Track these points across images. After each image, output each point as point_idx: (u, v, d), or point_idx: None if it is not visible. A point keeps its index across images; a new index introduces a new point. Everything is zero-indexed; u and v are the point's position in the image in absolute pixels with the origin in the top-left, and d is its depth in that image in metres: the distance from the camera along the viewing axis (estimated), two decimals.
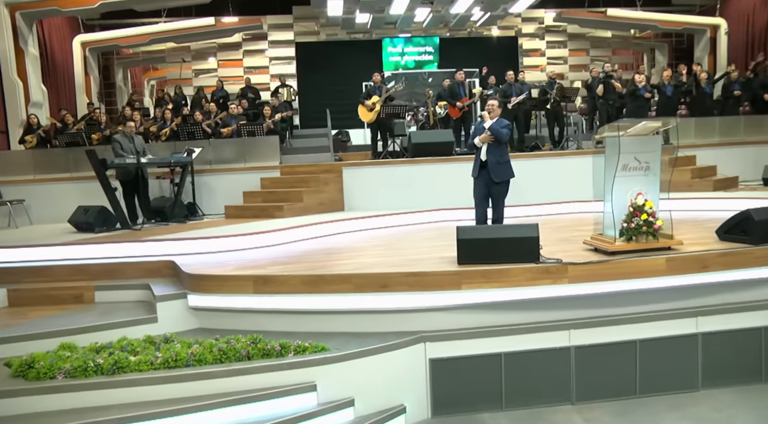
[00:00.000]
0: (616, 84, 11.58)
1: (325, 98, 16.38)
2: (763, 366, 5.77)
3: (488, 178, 6.26)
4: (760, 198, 8.53)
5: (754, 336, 5.73)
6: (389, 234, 7.85)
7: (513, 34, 19.58)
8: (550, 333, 5.33)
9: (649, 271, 5.32)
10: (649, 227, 5.44)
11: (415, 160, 9.56)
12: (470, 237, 5.32)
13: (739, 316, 5.67)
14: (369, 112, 10.60)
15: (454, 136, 10.79)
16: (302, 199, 9.13)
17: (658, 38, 20.01)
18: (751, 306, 5.72)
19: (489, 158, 6.25)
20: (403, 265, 5.55)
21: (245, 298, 5.45)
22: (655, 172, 5.69)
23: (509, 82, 11.61)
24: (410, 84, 17.56)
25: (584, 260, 5.32)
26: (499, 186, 6.29)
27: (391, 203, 9.15)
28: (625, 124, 5.48)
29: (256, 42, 18.69)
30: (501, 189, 6.32)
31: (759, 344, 5.76)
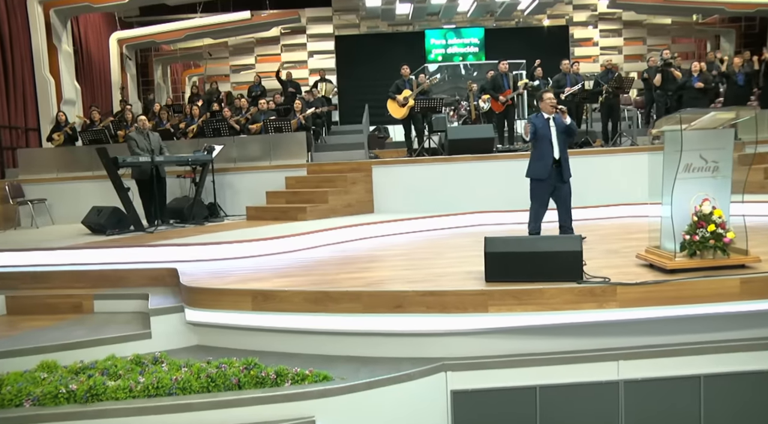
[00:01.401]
0: (676, 73, 10.49)
1: (366, 93, 15.70)
2: None
3: (558, 178, 5.96)
4: None
5: None
6: (416, 241, 7.12)
7: (564, 23, 18.44)
8: (595, 364, 4.51)
9: (719, 295, 4.42)
10: (718, 241, 4.53)
11: (451, 158, 8.79)
12: (500, 250, 4.54)
13: None
14: (401, 107, 9.84)
15: (496, 132, 9.95)
16: (327, 201, 8.49)
17: (725, 23, 18.47)
18: None
19: (562, 155, 5.92)
20: (422, 280, 4.81)
21: (243, 315, 4.84)
22: (725, 174, 4.76)
23: (564, 72, 10.66)
24: (454, 77, 16.72)
25: (637, 280, 4.45)
26: (568, 186, 6.07)
27: (424, 205, 8.42)
28: (689, 115, 4.57)
29: (295, 36, 18.20)
30: (569, 189, 6.10)
31: None
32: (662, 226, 4.76)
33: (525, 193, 8.36)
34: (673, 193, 4.59)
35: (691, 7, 16.59)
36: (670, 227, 4.68)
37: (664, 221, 4.75)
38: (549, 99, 6.03)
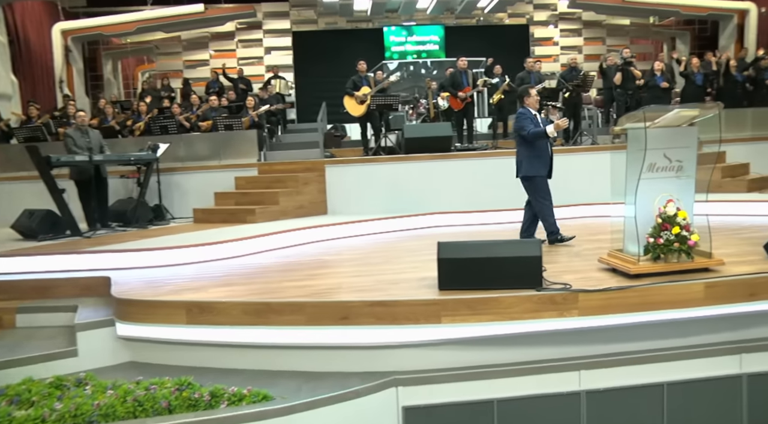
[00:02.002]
0: (636, 71, 10.42)
1: (324, 90, 15.25)
2: None
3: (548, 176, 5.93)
4: None
5: None
6: (370, 244, 6.76)
7: (524, 22, 18.33)
8: (556, 375, 4.27)
9: (683, 300, 4.21)
10: (683, 244, 4.32)
11: (408, 158, 8.46)
12: (454, 256, 4.23)
13: None
14: (359, 105, 9.48)
15: (454, 130, 9.67)
16: (278, 202, 8.07)
17: (680, 26, 18.67)
18: None
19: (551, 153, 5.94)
20: (372, 289, 4.48)
21: (178, 329, 4.42)
22: (689, 173, 4.55)
23: (528, 70, 10.46)
24: (413, 75, 16.43)
25: (599, 286, 4.20)
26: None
27: (380, 206, 8.08)
28: (653, 112, 4.35)
29: (251, 31, 17.58)
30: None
31: None
32: (625, 228, 4.53)
33: (485, 193, 8.20)
34: (636, 194, 4.36)
35: (648, 9, 16.66)
36: (634, 229, 4.45)
37: (627, 222, 4.52)
38: (536, 94, 5.97)
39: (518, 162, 6.00)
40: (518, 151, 6.01)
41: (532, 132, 5.81)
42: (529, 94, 5.98)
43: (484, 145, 10.32)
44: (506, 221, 7.89)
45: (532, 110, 5.92)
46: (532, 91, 5.97)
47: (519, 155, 5.99)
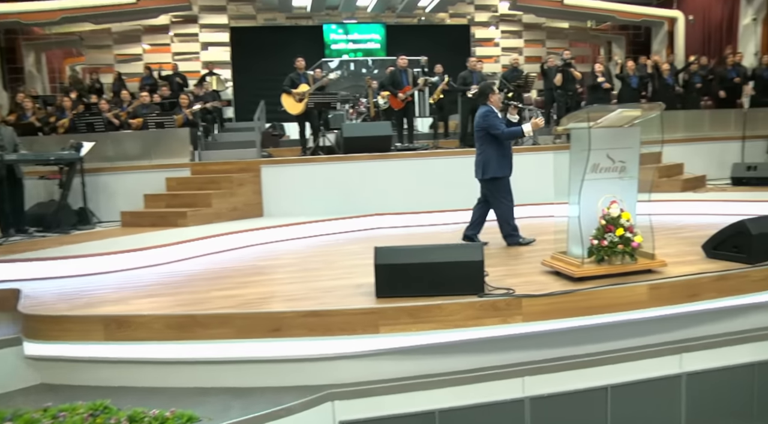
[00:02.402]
0: (576, 73, 10.50)
1: (263, 88, 14.78)
2: (754, 408, 4.70)
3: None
4: (734, 200, 7.59)
5: (745, 374, 4.70)
6: (307, 248, 6.47)
7: (465, 23, 18.38)
8: (499, 382, 4.12)
9: (627, 303, 4.13)
10: (626, 246, 4.24)
11: (346, 157, 8.18)
12: (392, 262, 4.00)
13: (729, 350, 4.63)
14: (298, 103, 9.16)
15: (395, 130, 9.48)
16: (211, 204, 7.66)
17: (616, 31, 19.16)
18: (743, 338, 4.65)
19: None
20: (305, 298, 4.20)
21: (94, 346, 4.02)
22: (632, 174, 4.49)
23: (470, 70, 10.35)
24: (354, 74, 16.19)
25: (543, 291, 4.07)
26: None
27: (318, 208, 7.79)
28: (596, 113, 4.26)
29: (187, 25, 16.89)
30: None
31: (751, 382, 4.70)
32: (569, 230, 4.42)
33: (427, 193, 8.03)
34: (580, 195, 4.25)
35: (586, 14, 16.98)
36: (578, 231, 4.34)
37: (571, 224, 4.41)
38: (499, 93, 5.83)
39: (484, 162, 5.73)
40: (484, 151, 5.72)
41: (507, 131, 5.62)
42: (493, 92, 5.75)
43: (425, 145, 10.17)
44: (449, 222, 7.77)
45: (495, 109, 5.71)
46: (496, 89, 5.77)
47: (485, 155, 5.71)
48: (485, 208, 5.96)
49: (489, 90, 5.74)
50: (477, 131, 5.75)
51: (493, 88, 5.78)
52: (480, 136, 5.71)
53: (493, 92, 5.73)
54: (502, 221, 5.86)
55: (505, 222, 5.85)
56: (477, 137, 5.76)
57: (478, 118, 5.69)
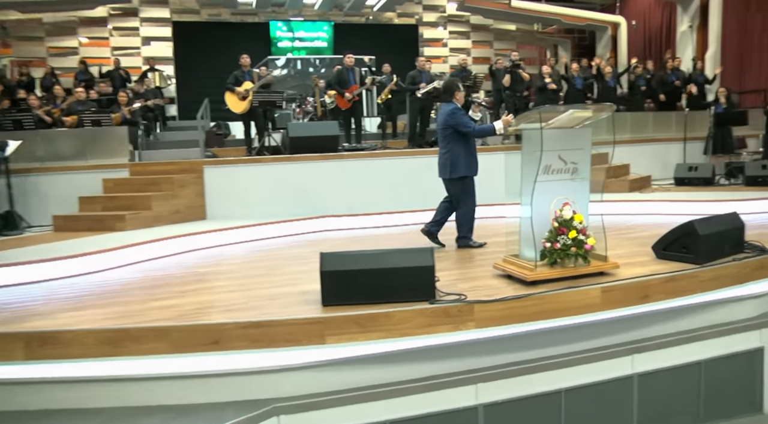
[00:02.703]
0: (524, 74, 10.53)
1: (207, 86, 14.33)
2: (701, 406, 4.73)
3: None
4: (679, 200, 7.72)
5: (692, 372, 4.71)
6: (251, 252, 6.19)
7: (413, 23, 18.34)
8: (451, 390, 3.95)
9: (580, 307, 4.06)
10: (579, 248, 4.18)
11: (292, 158, 7.93)
12: (338, 268, 3.80)
13: (679, 350, 4.62)
14: (241, 101, 8.85)
15: (342, 130, 9.27)
16: (151, 207, 7.28)
17: (561, 34, 19.53)
18: (691, 337, 4.65)
19: None
20: (247, 307, 3.95)
21: (14, 367, 3.66)
22: (583, 176, 4.43)
23: (419, 69, 10.23)
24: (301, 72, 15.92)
25: (495, 296, 3.95)
26: None
27: (263, 210, 7.53)
28: (547, 113, 4.18)
29: (126, 18, 16.20)
30: None
31: (698, 380, 4.73)
32: (521, 232, 4.33)
33: (375, 194, 7.87)
34: (533, 197, 4.16)
35: (532, 16, 17.20)
36: (530, 233, 4.25)
37: (523, 227, 4.32)
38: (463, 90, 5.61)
39: (452, 161, 5.53)
40: (451, 149, 5.52)
41: (479, 129, 5.48)
42: (459, 89, 5.56)
43: (373, 145, 10.01)
44: (399, 224, 7.63)
45: (459, 106, 5.56)
46: (461, 86, 5.61)
47: (452, 154, 5.52)
48: (451, 209, 5.82)
49: (455, 87, 5.56)
50: (442, 129, 5.54)
51: (458, 85, 5.60)
52: (447, 134, 5.52)
53: (459, 89, 5.55)
54: (463, 221, 5.75)
55: (465, 223, 5.75)
56: (442, 135, 5.56)
57: (445, 115, 5.49)
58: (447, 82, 5.73)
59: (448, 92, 5.55)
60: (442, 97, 5.65)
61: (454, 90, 5.52)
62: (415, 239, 6.57)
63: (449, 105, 5.51)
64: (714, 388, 4.71)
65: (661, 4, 16.34)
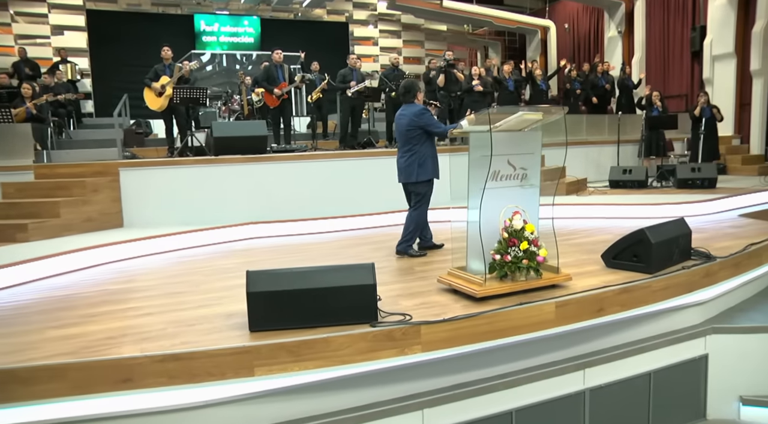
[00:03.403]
0: (459, 74, 10.32)
1: (127, 81, 13.38)
2: (650, 415, 4.61)
3: None
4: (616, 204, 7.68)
5: (642, 383, 4.62)
6: (173, 265, 5.59)
7: (344, 20, 17.93)
8: (396, 418, 3.60)
9: (534, 324, 3.77)
10: (532, 260, 3.89)
11: (217, 160, 7.34)
12: (267, 289, 3.33)
13: (628, 362, 4.49)
14: (158, 97, 8.17)
15: (270, 129, 8.74)
16: (59, 214, 6.53)
17: (492, 36, 19.63)
18: (640, 348, 4.51)
19: None
20: (165, 335, 3.41)
21: None
22: (533, 182, 4.17)
23: (350, 67, 9.82)
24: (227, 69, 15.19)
25: (443, 315, 3.59)
26: None
27: (186, 217, 6.93)
28: (497, 114, 3.87)
29: (32, 4, 14.92)
30: None
31: (647, 391, 4.62)
32: (468, 243, 4.00)
33: (307, 199, 7.43)
34: (480, 206, 3.84)
35: (464, 17, 17.14)
36: (478, 244, 3.94)
37: (470, 237, 3.99)
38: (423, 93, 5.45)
39: (419, 164, 5.29)
40: (417, 151, 5.28)
41: (447, 129, 5.20)
42: (420, 90, 5.40)
43: (304, 147, 9.54)
44: (331, 230, 7.22)
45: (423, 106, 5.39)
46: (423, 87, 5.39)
47: (419, 156, 5.29)
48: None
49: (416, 87, 5.36)
50: (407, 131, 5.27)
51: (419, 85, 5.41)
52: (412, 136, 5.26)
53: (420, 90, 5.38)
54: (416, 226, 5.53)
55: (417, 228, 5.54)
56: (405, 138, 5.31)
57: (410, 116, 5.25)
58: (408, 82, 5.48)
59: (410, 93, 5.35)
60: (405, 97, 5.40)
61: (416, 90, 5.36)
62: (348, 245, 6.18)
63: (413, 106, 5.31)
64: (662, 397, 4.63)
65: (589, 10, 16.65)
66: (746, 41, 12.31)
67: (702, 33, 13.17)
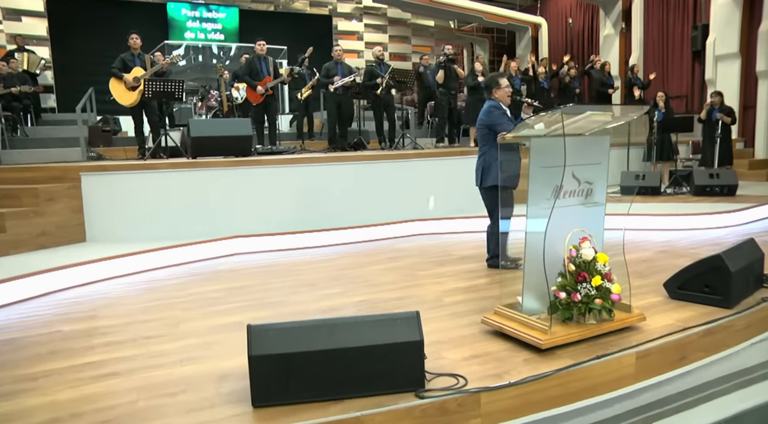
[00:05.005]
0: (459, 70, 9.53)
1: (93, 73, 12.28)
2: None
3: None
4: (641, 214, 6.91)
5: None
6: (142, 292, 4.60)
7: (327, 13, 16.99)
8: None
9: (613, 380, 2.96)
10: (606, 300, 3.09)
11: (195, 163, 6.35)
12: (275, 351, 2.43)
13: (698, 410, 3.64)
14: (130, 91, 7.17)
15: (254, 129, 7.81)
16: (5, 229, 5.52)
17: (480, 33, 18.91)
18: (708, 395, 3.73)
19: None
20: (135, 415, 2.50)
21: None
22: (598, 199, 3.36)
23: (335, 60, 8.94)
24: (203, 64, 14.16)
25: (503, 375, 2.75)
26: None
27: (159, 231, 5.99)
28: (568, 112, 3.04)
29: None
30: None
31: None
32: (525, 277, 3.17)
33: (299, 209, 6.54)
34: (546, 233, 3.02)
35: (453, 12, 16.35)
36: (539, 280, 3.11)
37: (528, 270, 3.16)
38: (507, 86, 4.70)
39: (483, 168, 4.82)
40: (485, 153, 4.82)
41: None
42: (498, 85, 4.69)
43: (292, 148, 8.64)
44: (328, 244, 6.35)
45: (503, 105, 4.72)
46: (502, 82, 4.73)
47: (485, 159, 4.80)
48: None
49: (493, 83, 4.74)
50: (479, 129, 4.83)
51: (498, 80, 4.74)
52: (483, 135, 4.82)
53: (498, 86, 4.72)
54: (495, 242, 4.94)
55: (497, 244, 4.91)
56: (479, 137, 4.89)
57: (482, 113, 4.79)
58: (488, 78, 4.96)
59: (487, 88, 4.82)
60: (486, 93, 4.84)
61: (493, 86, 4.78)
62: (351, 265, 5.31)
63: (490, 101, 4.76)
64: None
65: (583, 7, 16.01)
66: (752, 41, 11.75)
67: (704, 32, 12.59)
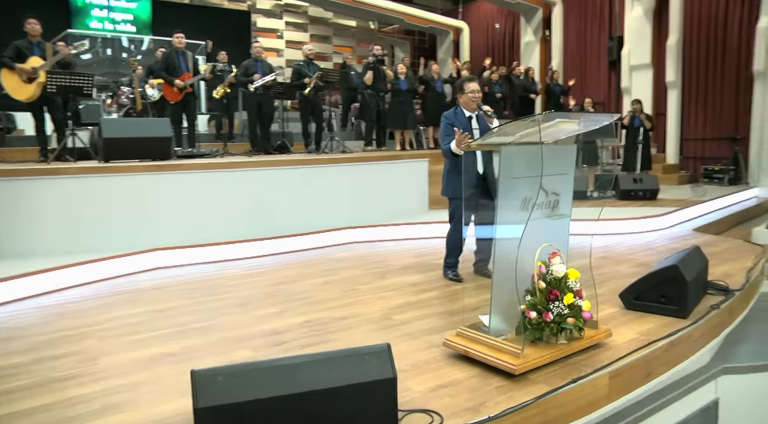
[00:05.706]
0: (389, 71, 9.32)
1: None
2: None
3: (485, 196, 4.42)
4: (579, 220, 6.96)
5: None
6: (49, 319, 3.98)
7: (246, 8, 16.34)
8: None
9: (587, 405, 2.78)
10: (578, 319, 2.91)
11: (108, 168, 5.69)
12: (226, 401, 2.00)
13: None
14: (27, 83, 6.40)
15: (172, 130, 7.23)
16: None
17: (401, 35, 18.86)
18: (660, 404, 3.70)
19: (487, 168, 4.48)
20: None
21: None
22: (564, 211, 3.20)
23: (255, 58, 8.48)
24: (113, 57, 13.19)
25: (479, 409, 2.50)
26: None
27: (70, 244, 5.34)
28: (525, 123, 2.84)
29: None
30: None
31: None
32: (492, 295, 2.94)
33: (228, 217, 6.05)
34: (519, 249, 2.80)
35: (375, 12, 16.15)
36: (509, 299, 2.90)
37: (496, 286, 2.93)
38: (473, 91, 4.39)
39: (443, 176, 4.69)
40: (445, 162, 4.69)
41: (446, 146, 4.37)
42: (463, 90, 4.43)
43: (215, 151, 8.10)
44: (259, 255, 5.93)
45: (465, 111, 4.46)
46: (468, 86, 4.43)
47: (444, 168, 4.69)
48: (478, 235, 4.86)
49: (458, 88, 4.51)
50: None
51: (463, 85, 4.48)
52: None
53: (462, 91, 4.47)
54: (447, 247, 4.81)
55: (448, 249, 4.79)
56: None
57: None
58: (458, 81, 4.77)
59: (454, 92, 4.77)
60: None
61: (458, 91, 4.56)
62: (288, 278, 4.94)
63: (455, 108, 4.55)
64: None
65: (504, 13, 16.27)
66: (661, 53, 12.32)
67: (619, 43, 13.09)
